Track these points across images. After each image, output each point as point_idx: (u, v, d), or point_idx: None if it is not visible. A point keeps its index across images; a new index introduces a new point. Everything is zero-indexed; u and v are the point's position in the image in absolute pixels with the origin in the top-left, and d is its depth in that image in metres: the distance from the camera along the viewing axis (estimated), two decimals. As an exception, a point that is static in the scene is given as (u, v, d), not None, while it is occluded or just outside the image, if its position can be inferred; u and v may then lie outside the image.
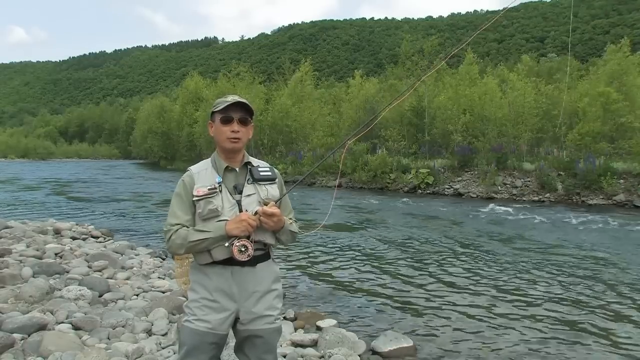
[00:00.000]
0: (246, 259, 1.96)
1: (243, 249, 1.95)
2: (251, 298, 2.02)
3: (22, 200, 16.64)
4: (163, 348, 3.66)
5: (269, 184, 2.12)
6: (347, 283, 6.36)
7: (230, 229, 1.94)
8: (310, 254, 8.17)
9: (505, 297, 5.73)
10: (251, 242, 1.97)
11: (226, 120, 2.04)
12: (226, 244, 1.95)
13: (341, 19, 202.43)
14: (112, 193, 20.45)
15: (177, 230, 1.98)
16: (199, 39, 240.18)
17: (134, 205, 15.70)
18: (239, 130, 2.05)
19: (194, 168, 2.12)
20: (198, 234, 1.96)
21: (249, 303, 2.02)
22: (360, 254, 8.31)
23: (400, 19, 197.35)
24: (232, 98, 2.06)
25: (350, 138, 2.43)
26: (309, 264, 7.44)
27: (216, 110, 2.06)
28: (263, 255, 2.07)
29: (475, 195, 19.23)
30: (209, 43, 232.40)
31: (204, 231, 1.96)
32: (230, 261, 1.98)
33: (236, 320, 2.04)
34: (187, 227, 2.00)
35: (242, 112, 2.07)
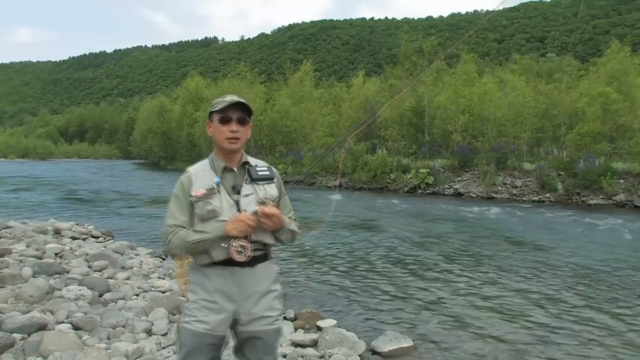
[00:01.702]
0: (244, 260, 1.94)
1: (241, 250, 1.93)
2: (250, 299, 2.01)
3: (22, 200, 16.64)
4: (163, 348, 3.66)
5: (267, 183, 2.11)
6: (347, 283, 6.36)
7: (229, 229, 1.92)
8: (311, 254, 8.17)
9: (504, 297, 5.73)
10: (250, 242, 1.96)
11: (225, 120, 2.03)
12: (224, 245, 1.94)
13: (341, 19, 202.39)
14: (112, 193, 20.46)
15: (176, 231, 1.97)
16: (199, 39, 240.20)
17: (134, 205, 15.70)
18: (237, 130, 2.03)
19: (192, 169, 2.10)
20: (196, 235, 1.95)
21: (248, 304, 2.01)
22: (360, 254, 8.31)
23: (400, 19, 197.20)
24: (230, 98, 2.05)
25: (349, 135, 2.41)
26: (309, 264, 7.44)
27: (214, 110, 2.05)
28: (262, 255, 2.06)
29: (475, 195, 19.23)
30: (209, 43, 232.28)
31: (203, 232, 1.95)
32: (229, 262, 1.96)
33: (236, 321, 2.02)
34: (186, 229, 1.98)
35: (241, 112, 2.05)
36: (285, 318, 4.73)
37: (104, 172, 40.09)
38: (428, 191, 20.80)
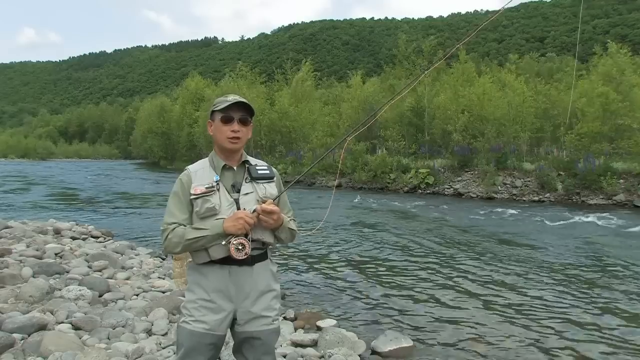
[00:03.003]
0: (243, 258, 1.94)
1: (240, 247, 1.93)
2: (249, 298, 2.00)
3: (22, 200, 16.63)
4: (163, 348, 3.66)
5: (267, 182, 2.11)
6: (347, 283, 6.36)
7: (228, 226, 1.92)
8: (310, 254, 8.17)
9: (504, 297, 5.73)
10: (249, 240, 1.95)
11: (227, 120, 2.03)
12: (223, 242, 1.93)
13: (341, 19, 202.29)
14: (112, 193, 20.46)
15: (174, 228, 1.97)
16: (199, 39, 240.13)
17: (134, 205, 15.71)
18: (239, 130, 2.04)
19: (191, 167, 2.11)
20: (195, 232, 1.94)
21: (247, 303, 2.00)
22: (360, 254, 8.31)
23: (400, 19, 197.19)
24: (232, 97, 2.05)
25: (349, 135, 2.41)
26: (309, 264, 7.44)
27: (217, 109, 2.05)
28: (261, 254, 2.06)
29: (475, 195, 19.23)
30: (209, 43, 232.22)
31: (201, 229, 1.95)
32: (228, 260, 1.96)
33: (233, 321, 2.02)
34: (184, 226, 1.98)
35: (243, 111, 2.06)
36: (285, 318, 4.73)
37: (104, 172, 40.08)
38: (428, 191, 20.79)
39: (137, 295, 5.17)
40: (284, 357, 3.68)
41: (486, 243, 9.39)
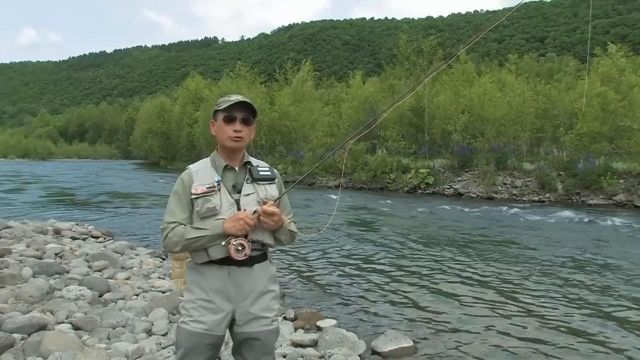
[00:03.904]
0: (243, 258, 1.94)
1: (240, 248, 1.93)
2: (248, 299, 2.00)
3: (22, 200, 16.63)
4: (163, 348, 3.66)
5: (268, 183, 2.11)
6: (347, 283, 6.36)
7: (228, 227, 1.93)
8: (311, 255, 8.17)
9: (504, 297, 5.73)
10: (249, 241, 1.95)
11: (229, 120, 2.04)
12: (223, 243, 1.93)
13: (341, 19, 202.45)
14: (112, 193, 20.46)
15: (174, 227, 1.97)
16: (199, 39, 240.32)
17: (134, 205, 15.70)
18: (241, 130, 2.04)
19: (193, 166, 2.11)
20: (195, 232, 1.95)
21: (246, 304, 2.00)
22: (360, 254, 8.31)
23: (400, 19, 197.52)
24: (235, 97, 2.06)
25: (351, 138, 2.43)
26: (309, 265, 7.44)
27: (219, 109, 2.06)
28: (260, 255, 2.06)
29: (475, 195, 19.23)
30: (209, 43, 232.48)
31: (201, 229, 1.95)
32: (227, 261, 1.96)
33: (233, 321, 2.02)
34: (184, 225, 1.98)
35: (246, 111, 2.06)
36: (285, 318, 4.73)
37: (104, 172, 40.08)
38: (428, 191, 20.79)
39: (137, 295, 5.17)
40: (284, 357, 3.68)
41: (486, 243, 9.39)
